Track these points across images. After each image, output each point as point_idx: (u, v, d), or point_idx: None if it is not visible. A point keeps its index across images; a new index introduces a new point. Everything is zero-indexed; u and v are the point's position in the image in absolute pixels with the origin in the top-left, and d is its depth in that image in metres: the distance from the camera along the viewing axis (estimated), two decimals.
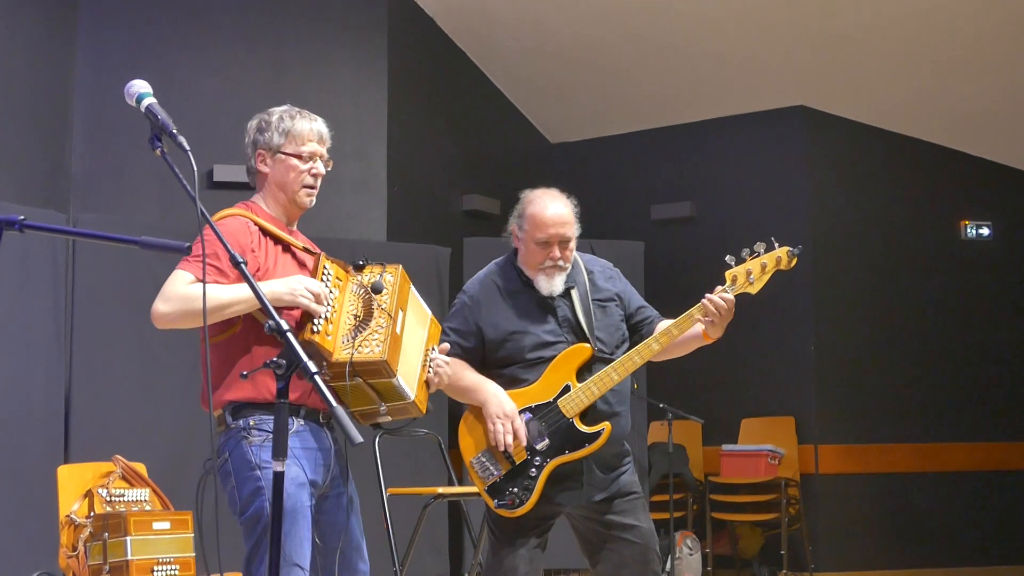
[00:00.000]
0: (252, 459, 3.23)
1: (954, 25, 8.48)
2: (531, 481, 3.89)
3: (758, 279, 3.96)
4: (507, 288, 4.05)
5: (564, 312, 4.01)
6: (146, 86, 2.93)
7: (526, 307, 4.01)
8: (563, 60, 9.47)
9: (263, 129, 3.49)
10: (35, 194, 7.29)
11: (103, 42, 7.93)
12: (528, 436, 3.91)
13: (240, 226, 3.35)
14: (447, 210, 9.26)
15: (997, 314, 9.73)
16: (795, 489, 8.91)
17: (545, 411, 3.93)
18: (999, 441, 9.57)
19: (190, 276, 3.23)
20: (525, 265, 4.03)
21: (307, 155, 3.46)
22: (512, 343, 3.96)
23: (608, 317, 4.06)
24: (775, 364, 9.16)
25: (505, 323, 3.98)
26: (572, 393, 3.92)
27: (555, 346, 3.97)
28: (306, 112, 3.55)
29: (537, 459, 3.90)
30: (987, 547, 9.44)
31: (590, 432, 3.91)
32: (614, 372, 3.92)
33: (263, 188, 3.50)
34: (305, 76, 8.25)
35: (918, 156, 9.71)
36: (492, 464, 3.93)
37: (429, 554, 7.63)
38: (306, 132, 3.48)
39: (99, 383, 6.87)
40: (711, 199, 9.83)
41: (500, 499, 3.91)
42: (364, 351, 3.23)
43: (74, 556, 5.03)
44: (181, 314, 3.20)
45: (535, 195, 4.08)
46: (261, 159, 3.48)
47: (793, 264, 4.02)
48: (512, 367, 3.98)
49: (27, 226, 2.45)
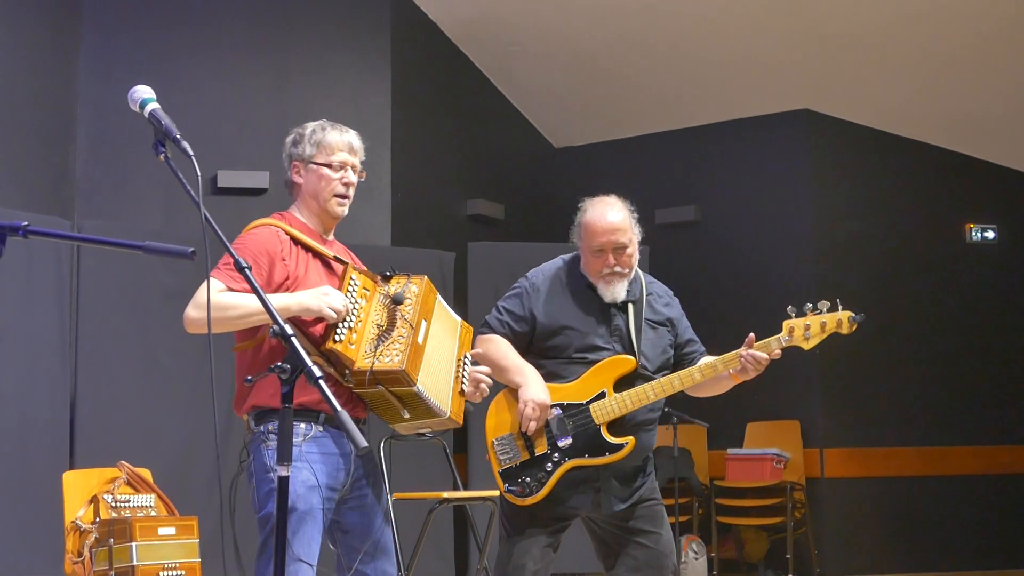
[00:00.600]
0: (268, 462, 3.36)
1: (958, 28, 8.47)
2: (545, 475, 3.91)
3: (814, 336, 4.01)
4: (571, 285, 4.09)
5: (618, 323, 4.05)
6: (149, 91, 2.94)
7: (584, 307, 4.05)
8: (567, 65, 9.47)
9: (297, 142, 3.61)
10: (39, 201, 7.30)
11: (106, 49, 7.94)
12: (553, 431, 3.93)
13: (270, 235, 3.46)
14: (451, 215, 9.27)
15: (1002, 317, 9.72)
16: (800, 493, 8.90)
17: (575, 411, 3.95)
18: (1005, 445, 9.56)
19: (221, 284, 3.32)
20: (587, 273, 4.06)
21: (337, 164, 3.57)
22: (562, 337, 4.00)
23: (659, 339, 4.11)
24: (780, 368, 8.96)
25: (561, 316, 4.02)
26: (606, 401, 3.95)
27: (602, 351, 4.00)
28: (339, 125, 3.66)
29: (556, 455, 3.92)
30: (992, 551, 9.42)
31: (614, 443, 3.94)
32: (651, 391, 3.97)
33: (298, 198, 3.62)
34: (309, 82, 8.26)
35: (923, 159, 9.71)
36: (512, 449, 3.95)
37: (434, 558, 7.62)
38: (336, 142, 3.59)
39: (104, 389, 6.88)
40: (715, 203, 9.83)
41: (511, 484, 3.93)
42: (384, 360, 3.30)
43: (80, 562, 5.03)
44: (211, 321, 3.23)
45: (591, 203, 4.11)
46: (296, 170, 3.60)
47: (853, 330, 4.04)
48: (554, 361, 4.01)
49: (31, 232, 2.45)
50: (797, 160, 9.53)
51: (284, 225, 3.51)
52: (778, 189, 9.56)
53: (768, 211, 9.55)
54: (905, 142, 9.65)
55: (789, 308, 3.99)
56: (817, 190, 9.45)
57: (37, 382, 6.55)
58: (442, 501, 5.98)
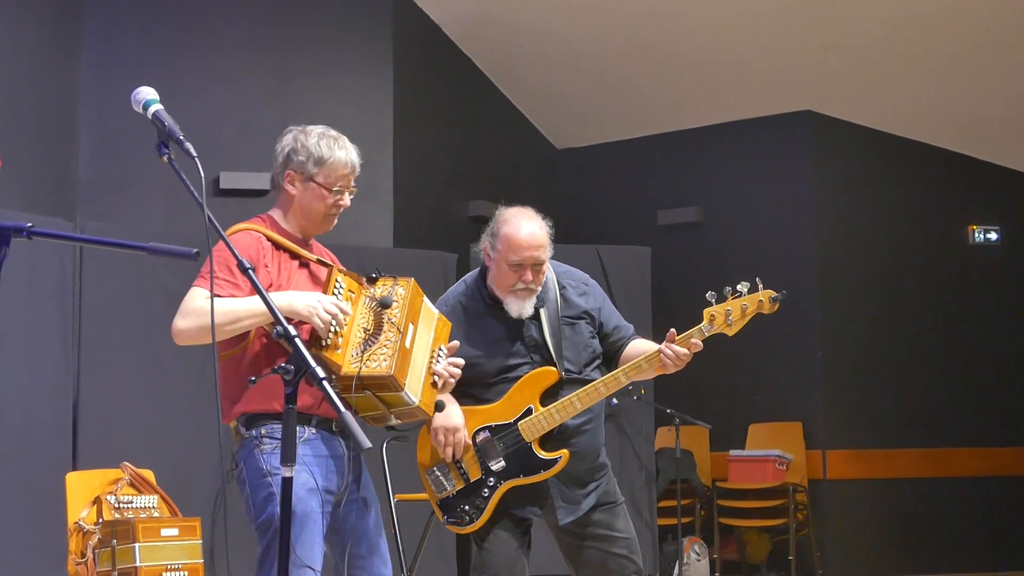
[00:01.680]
0: (263, 466, 3.29)
1: (961, 30, 8.47)
2: (483, 501, 3.86)
3: (736, 321, 3.85)
4: (473, 309, 3.98)
5: (531, 333, 3.94)
6: (153, 93, 2.93)
7: (492, 330, 3.94)
8: (569, 66, 9.47)
9: (297, 151, 3.49)
10: (42, 203, 7.30)
11: (109, 50, 7.95)
12: (485, 455, 3.87)
13: (252, 241, 3.38)
14: (453, 216, 9.26)
15: (1005, 319, 9.72)
16: (803, 494, 8.90)
17: (504, 432, 3.88)
18: (1007, 446, 9.55)
19: (204, 291, 3.26)
20: (496, 286, 3.93)
21: (338, 188, 3.47)
22: (476, 368, 3.86)
23: (577, 335, 3.99)
24: (782, 369, 9.15)
25: (469, 347, 3.85)
26: (533, 417, 3.87)
27: (520, 368, 3.92)
28: (342, 139, 3.54)
29: (491, 480, 3.86)
30: (995, 552, 9.41)
31: (547, 459, 3.86)
32: (578, 401, 3.86)
33: (285, 205, 3.51)
34: (311, 83, 8.26)
35: (925, 161, 9.70)
36: (446, 479, 3.90)
37: (436, 560, 7.62)
38: (340, 164, 3.47)
39: (107, 390, 6.88)
40: (718, 204, 9.83)
41: (451, 515, 3.89)
42: (372, 365, 3.24)
43: (83, 563, 5.03)
44: (199, 329, 3.24)
45: (509, 214, 3.95)
46: (290, 180, 3.49)
47: (775, 309, 3.89)
48: (474, 387, 3.91)
49: (35, 233, 2.45)
50: (799, 161, 9.53)
51: (265, 230, 3.43)
52: (780, 190, 9.56)
53: (770, 212, 9.55)
54: (908, 143, 9.65)
55: (709, 294, 3.84)
56: (819, 191, 9.44)
57: (40, 383, 6.55)
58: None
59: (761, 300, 3.87)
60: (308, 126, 3.56)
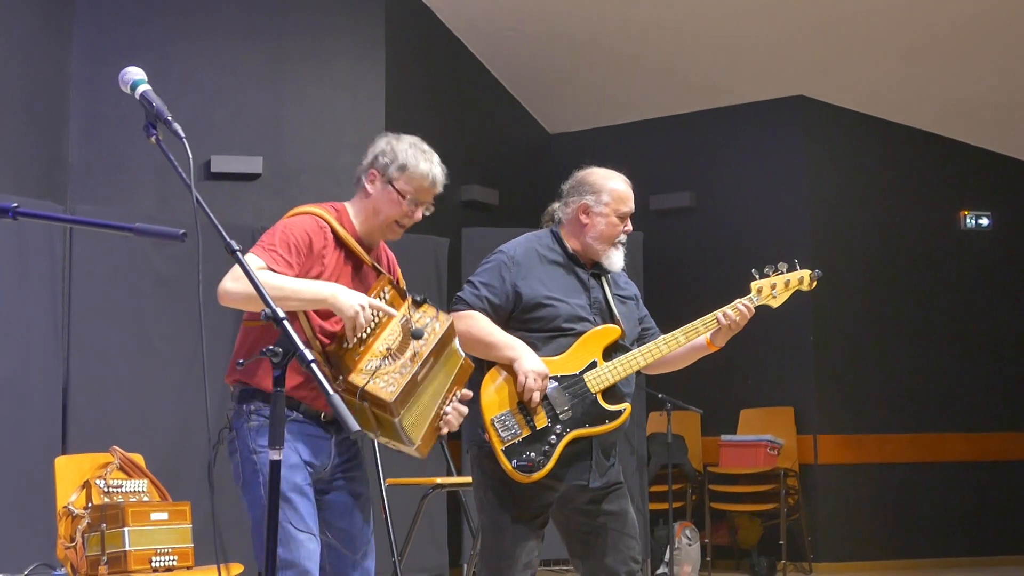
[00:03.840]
0: (251, 443, 3.36)
1: (954, 15, 8.46)
2: (550, 448, 3.88)
3: (780, 294, 4.15)
4: (550, 257, 4.09)
5: (596, 294, 4.08)
6: (140, 73, 2.90)
7: (565, 278, 4.06)
8: (561, 50, 9.45)
9: (386, 154, 3.54)
10: (32, 185, 7.28)
11: (99, 32, 7.91)
12: (552, 403, 3.92)
13: (315, 226, 3.41)
14: (445, 200, 9.14)
15: (996, 304, 9.73)
16: (794, 479, 8.92)
17: (571, 382, 3.94)
18: (998, 431, 9.58)
19: (261, 262, 3.28)
20: (601, 240, 4.07)
21: (413, 200, 3.52)
22: (549, 309, 3.98)
23: (629, 312, 4.15)
24: (774, 354, 9.16)
25: (544, 288, 4.00)
26: (599, 370, 3.95)
27: (583, 323, 4.00)
28: (431, 154, 3.59)
29: (558, 427, 3.90)
30: (985, 537, 9.45)
31: (612, 410, 3.94)
32: (641, 356, 4.00)
33: (360, 203, 3.56)
34: (303, 66, 8.24)
35: (917, 146, 9.71)
36: (513, 425, 3.91)
37: (428, 545, 7.62)
38: (423, 177, 3.53)
39: (97, 374, 6.86)
40: (710, 189, 9.83)
41: (519, 460, 3.88)
42: (379, 384, 3.25)
43: (72, 547, 5.02)
44: (245, 296, 3.21)
45: (607, 172, 4.17)
46: (371, 179, 3.54)
47: (813, 287, 4.19)
48: (538, 334, 3.97)
49: (21, 213, 2.43)
50: (792, 146, 9.53)
51: (332, 220, 3.46)
52: (773, 175, 9.56)
53: (763, 197, 9.55)
54: (900, 128, 9.65)
55: (753, 270, 4.11)
56: (812, 176, 9.45)
57: (29, 367, 6.54)
58: (436, 487, 5.97)
59: (802, 277, 4.15)
60: (403, 135, 3.61)
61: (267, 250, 3.31)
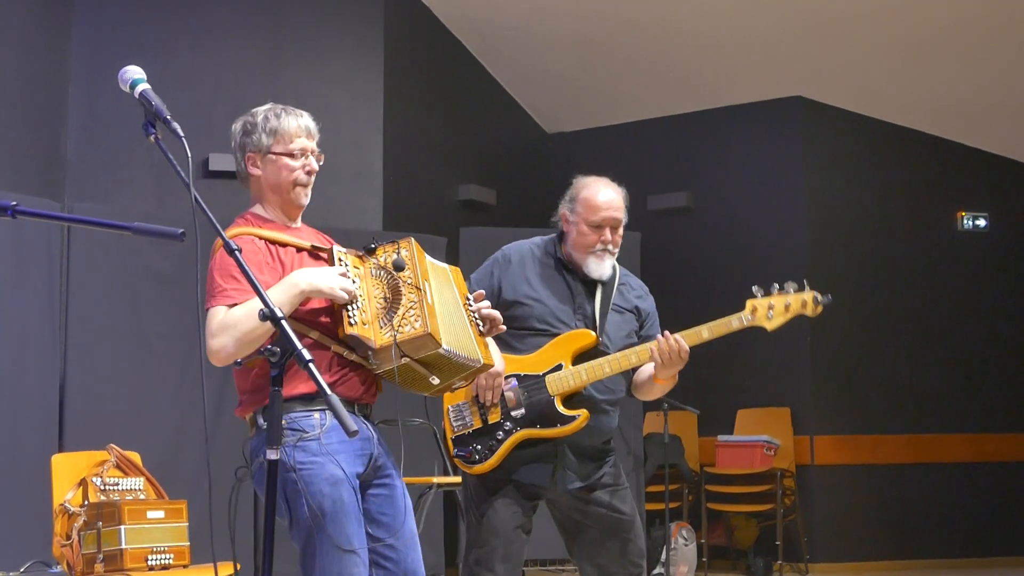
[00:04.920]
0: (287, 460, 3.17)
1: (951, 16, 8.46)
2: (496, 443, 3.91)
3: (777, 316, 3.99)
4: (542, 260, 4.12)
5: (583, 302, 4.07)
6: (140, 72, 2.90)
7: (551, 283, 4.07)
8: (560, 50, 9.45)
9: (249, 131, 3.40)
10: (30, 183, 7.27)
11: (99, 30, 7.91)
12: (507, 400, 3.93)
13: (247, 247, 3.24)
14: (443, 200, 9.25)
15: (993, 305, 9.74)
16: (791, 480, 8.92)
17: (531, 382, 3.94)
18: (994, 432, 9.58)
19: (220, 308, 3.15)
20: (576, 249, 4.07)
21: (298, 152, 3.38)
22: (524, 308, 4.01)
23: (624, 323, 4.12)
24: (771, 355, 9.15)
25: (525, 287, 4.04)
26: (562, 373, 3.93)
27: (563, 325, 4.01)
28: (290, 108, 3.46)
29: (508, 424, 3.92)
30: (981, 538, 9.45)
31: (566, 415, 3.91)
32: (607, 365, 3.94)
33: (257, 192, 3.42)
34: (301, 65, 8.23)
35: (915, 147, 9.71)
36: (467, 415, 3.96)
37: (424, 544, 7.53)
38: (293, 129, 3.39)
39: (94, 372, 6.86)
40: (707, 190, 9.83)
41: (461, 449, 3.93)
42: (406, 329, 3.17)
43: (68, 545, 5.01)
44: (235, 342, 3.10)
45: (588, 180, 4.17)
46: (251, 162, 3.39)
47: (818, 311, 4.00)
48: (513, 333, 3.96)
49: (20, 212, 2.43)
50: (789, 147, 9.53)
51: (252, 230, 3.32)
52: (770, 176, 9.56)
53: (760, 198, 9.55)
54: (897, 130, 9.65)
55: (755, 287, 3.96)
56: (809, 177, 9.45)
57: (27, 365, 6.53)
58: (432, 486, 5.97)
59: (805, 300, 3.98)
60: (254, 108, 3.48)
61: (217, 295, 3.17)
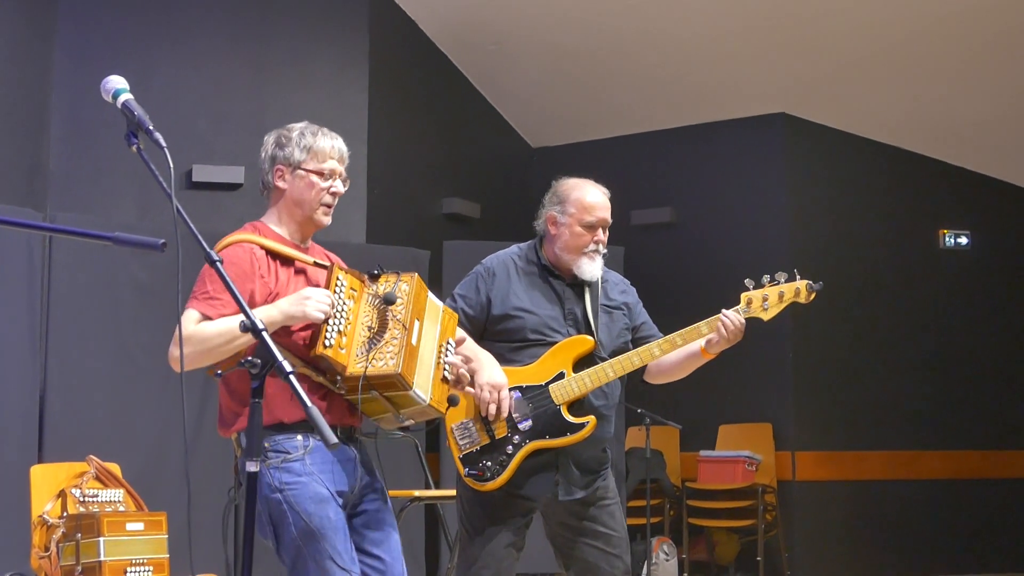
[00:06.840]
0: (272, 482, 3.20)
1: (934, 36, 8.51)
2: (506, 458, 3.89)
3: (772, 306, 4.03)
4: (525, 269, 4.11)
5: (571, 306, 4.06)
6: (122, 82, 2.89)
7: (540, 291, 4.07)
8: (545, 65, 9.47)
9: (283, 144, 3.42)
10: (12, 193, 7.24)
11: (82, 39, 7.89)
12: (513, 413, 3.91)
13: (244, 254, 3.27)
14: (427, 213, 9.25)
15: (975, 323, 9.77)
16: (772, 496, 8.92)
17: (535, 393, 3.93)
18: (975, 449, 9.60)
19: (196, 314, 3.16)
20: (567, 251, 4.06)
21: (328, 172, 3.41)
22: (516, 320, 4.00)
23: (613, 323, 4.12)
24: (753, 371, 9.17)
25: (514, 299, 4.02)
26: (565, 381, 3.93)
27: (555, 335, 4.00)
28: (326, 129, 3.49)
29: (516, 438, 3.90)
30: (963, 555, 9.47)
31: (575, 422, 3.91)
32: (610, 368, 3.95)
33: (277, 204, 3.43)
34: (286, 77, 8.23)
35: (897, 165, 9.75)
36: (472, 433, 3.93)
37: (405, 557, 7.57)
38: (328, 149, 3.42)
39: (74, 383, 6.82)
40: (691, 205, 9.85)
41: (472, 468, 3.91)
42: (378, 364, 3.15)
43: (46, 557, 4.98)
44: (196, 355, 3.12)
45: (575, 181, 4.15)
46: (279, 175, 3.41)
47: (812, 299, 4.05)
48: (508, 345, 3.99)
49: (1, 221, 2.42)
50: (773, 163, 9.56)
51: (257, 239, 3.33)
52: (753, 192, 9.58)
53: (743, 214, 9.57)
54: (880, 147, 9.69)
55: (747, 280, 4.00)
56: (792, 194, 9.47)
57: (6, 375, 6.49)
58: (413, 500, 5.96)
59: (798, 288, 4.03)
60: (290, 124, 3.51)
61: (201, 300, 3.18)
